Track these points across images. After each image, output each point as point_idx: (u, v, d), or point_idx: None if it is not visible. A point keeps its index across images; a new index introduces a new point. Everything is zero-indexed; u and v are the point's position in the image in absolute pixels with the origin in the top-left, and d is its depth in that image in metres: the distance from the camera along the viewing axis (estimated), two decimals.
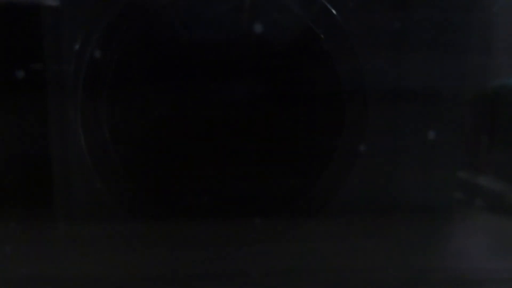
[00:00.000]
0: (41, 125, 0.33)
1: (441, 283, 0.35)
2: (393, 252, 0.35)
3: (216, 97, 0.33)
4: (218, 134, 0.33)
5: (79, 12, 0.33)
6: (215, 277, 0.34)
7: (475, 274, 0.36)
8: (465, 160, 0.36)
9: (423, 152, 0.35)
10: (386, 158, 0.35)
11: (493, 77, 0.36)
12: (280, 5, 0.33)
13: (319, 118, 0.34)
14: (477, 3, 0.35)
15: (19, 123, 0.33)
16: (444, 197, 0.36)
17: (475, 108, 0.36)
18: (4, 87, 0.33)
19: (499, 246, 0.37)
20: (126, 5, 0.32)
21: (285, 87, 0.33)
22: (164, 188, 0.34)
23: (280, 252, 0.35)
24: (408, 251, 0.36)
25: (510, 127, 0.36)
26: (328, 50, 0.33)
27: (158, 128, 0.33)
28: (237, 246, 0.34)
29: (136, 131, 0.33)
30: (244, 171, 0.34)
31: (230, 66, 0.33)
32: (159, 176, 0.34)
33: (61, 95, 0.33)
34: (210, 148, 0.33)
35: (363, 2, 0.34)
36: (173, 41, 0.32)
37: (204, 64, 0.33)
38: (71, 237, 0.35)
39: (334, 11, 0.33)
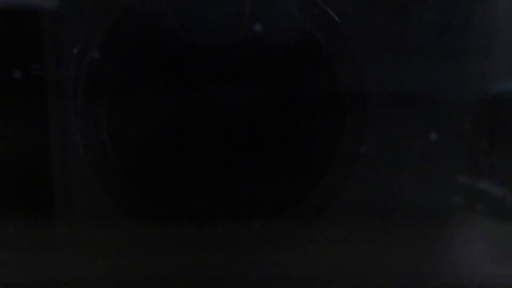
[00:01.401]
0: (40, 128, 0.33)
1: None
2: (393, 256, 0.35)
3: (216, 101, 0.33)
4: (217, 138, 0.33)
5: (79, 15, 0.33)
6: (214, 281, 0.34)
7: (475, 279, 0.36)
8: (465, 164, 0.36)
9: (423, 156, 0.35)
10: (386, 162, 0.35)
11: (494, 82, 0.36)
12: (280, 10, 0.33)
13: (319, 122, 0.34)
14: (477, 7, 0.35)
15: (19, 126, 0.33)
16: (444, 201, 0.36)
17: (476, 112, 0.36)
18: (4, 90, 0.33)
19: (499, 251, 0.37)
20: (125, 9, 0.32)
21: (285, 91, 0.33)
22: (164, 192, 0.34)
23: (279, 257, 0.34)
24: (408, 256, 0.36)
25: (510, 132, 0.36)
26: (328, 54, 0.33)
27: (157, 131, 0.33)
28: (236, 250, 0.34)
29: (136, 134, 0.33)
30: (244, 175, 0.34)
31: (230, 70, 0.33)
32: (159, 179, 0.34)
33: (60, 98, 0.33)
34: (209, 152, 0.33)
35: (363, 6, 0.34)
36: (172, 45, 0.32)
37: (203, 68, 0.33)
38: (71, 241, 0.35)
39: (334, 16, 0.33)
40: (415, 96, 0.35)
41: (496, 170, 0.36)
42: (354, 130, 0.34)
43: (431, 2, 0.34)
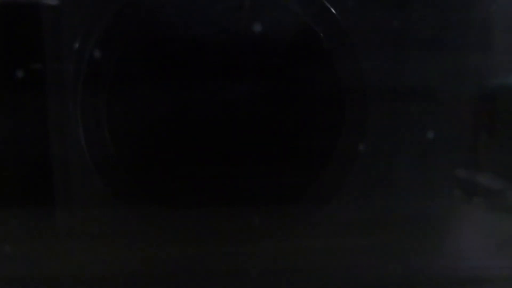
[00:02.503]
0: (40, 124, 0.33)
1: (440, 281, 0.36)
2: (392, 250, 0.36)
3: (215, 96, 0.33)
4: (217, 133, 0.33)
5: (79, 11, 0.33)
6: (214, 275, 0.34)
7: (474, 272, 0.36)
8: (465, 159, 0.36)
9: (423, 150, 0.35)
10: (386, 157, 0.35)
11: (493, 77, 0.36)
12: (280, 4, 0.33)
13: (318, 117, 0.34)
14: (477, 2, 0.35)
15: (19, 122, 0.33)
16: (443, 195, 0.36)
17: (475, 107, 0.36)
18: (4, 86, 0.33)
19: (498, 243, 0.37)
20: (125, 4, 0.32)
21: (284, 86, 0.33)
22: (164, 186, 0.34)
23: (279, 251, 0.35)
24: (407, 250, 0.36)
25: (509, 126, 0.36)
26: (327, 49, 0.33)
27: (158, 126, 0.33)
28: (236, 245, 0.35)
29: (136, 130, 0.33)
30: (243, 171, 0.34)
31: (230, 65, 0.33)
32: (159, 174, 0.34)
33: (60, 94, 0.33)
34: (209, 147, 0.33)
35: (363, 1, 0.34)
36: (172, 40, 0.32)
37: (203, 63, 0.33)
38: (71, 235, 0.35)
39: (333, 10, 0.33)
40: (415, 91, 0.35)
41: (495, 165, 0.36)
42: (354, 126, 0.34)
43: None
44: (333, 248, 0.35)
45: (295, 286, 0.34)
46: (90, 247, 0.34)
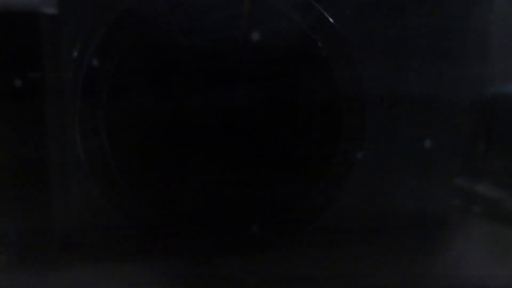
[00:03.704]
0: (39, 132, 0.33)
1: None
2: (390, 259, 0.35)
3: (214, 104, 0.33)
4: (216, 142, 0.33)
5: (77, 20, 0.33)
6: (213, 284, 0.34)
7: (473, 281, 0.36)
8: (463, 167, 0.36)
9: (421, 159, 0.36)
10: (384, 165, 0.35)
11: (491, 84, 0.36)
12: (278, 12, 0.33)
13: (316, 125, 0.34)
14: (474, 11, 0.35)
15: (18, 130, 0.33)
16: (442, 203, 0.36)
17: (473, 115, 0.36)
18: (3, 94, 0.33)
19: (497, 252, 0.37)
20: (123, 12, 0.32)
21: (283, 94, 0.33)
22: (162, 195, 0.34)
23: (277, 260, 0.35)
24: (406, 258, 0.36)
25: (507, 134, 0.36)
26: (325, 57, 0.33)
27: (156, 135, 0.33)
28: (235, 253, 0.34)
29: (134, 138, 0.33)
30: (242, 179, 0.34)
31: (228, 73, 0.33)
32: (157, 183, 0.34)
33: (59, 102, 0.33)
34: (208, 156, 0.33)
35: (360, 9, 0.34)
36: (170, 49, 0.33)
37: (202, 71, 0.33)
38: (69, 246, 0.35)
39: (331, 19, 0.33)
40: (412, 99, 0.35)
41: (493, 173, 0.36)
42: (352, 133, 0.34)
43: (429, 5, 0.34)
44: (331, 256, 0.35)
45: None
46: (90, 258, 0.34)
